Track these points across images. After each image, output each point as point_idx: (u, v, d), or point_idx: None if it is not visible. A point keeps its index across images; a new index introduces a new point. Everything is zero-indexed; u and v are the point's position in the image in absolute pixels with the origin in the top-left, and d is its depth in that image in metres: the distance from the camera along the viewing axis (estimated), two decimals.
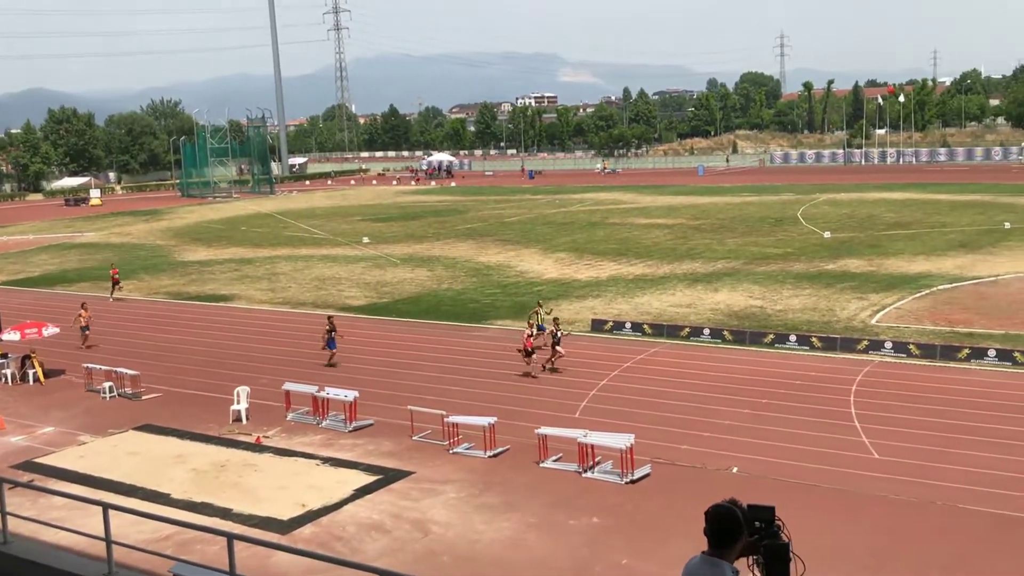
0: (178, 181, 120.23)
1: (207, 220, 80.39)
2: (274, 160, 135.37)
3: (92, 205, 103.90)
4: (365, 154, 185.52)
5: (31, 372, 29.70)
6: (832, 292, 37.59)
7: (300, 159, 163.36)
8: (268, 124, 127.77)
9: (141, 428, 24.65)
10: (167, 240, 66.98)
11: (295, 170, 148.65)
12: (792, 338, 30.30)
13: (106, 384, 27.76)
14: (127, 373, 28.22)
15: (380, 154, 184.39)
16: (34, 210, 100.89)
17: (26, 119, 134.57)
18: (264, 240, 64.17)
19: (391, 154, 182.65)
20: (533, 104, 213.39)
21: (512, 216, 73.03)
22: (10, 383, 29.62)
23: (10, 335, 31.50)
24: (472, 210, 79.11)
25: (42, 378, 29.62)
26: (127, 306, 42.77)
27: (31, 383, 29.49)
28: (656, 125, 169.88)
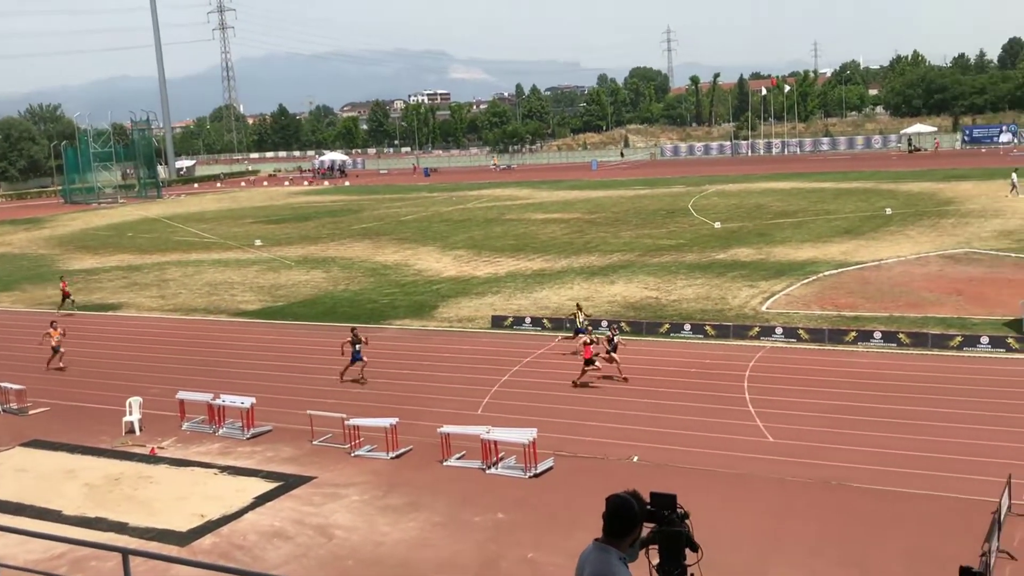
0: (60, 188, 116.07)
1: (92, 227, 77.88)
2: (160, 163, 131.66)
3: None
4: (255, 155, 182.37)
5: None
6: (724, 281, 38.44)
7: (188, 162, 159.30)
8: (153, 127, 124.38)
9: (28, 444, 23.70)
10: (50, 249, 64.60)
11: (183, 173, 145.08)
12: (687, 327, 30.89)
13: None
14: (11, 388, 27.10)
15: (271, 155, 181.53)
16: None
17: None
18: (152, 246, 62.47)
19: (282, 154, 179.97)
20: (426, 101, 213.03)
21: (408, 214, 72.70)
22: None
23: None
24: (367, 209, 78.48)
25: None
26: (10, 317, 41.14)
27: None
28: (549, 121, 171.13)
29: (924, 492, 17.52)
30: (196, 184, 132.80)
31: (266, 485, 19.92)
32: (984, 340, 26.83)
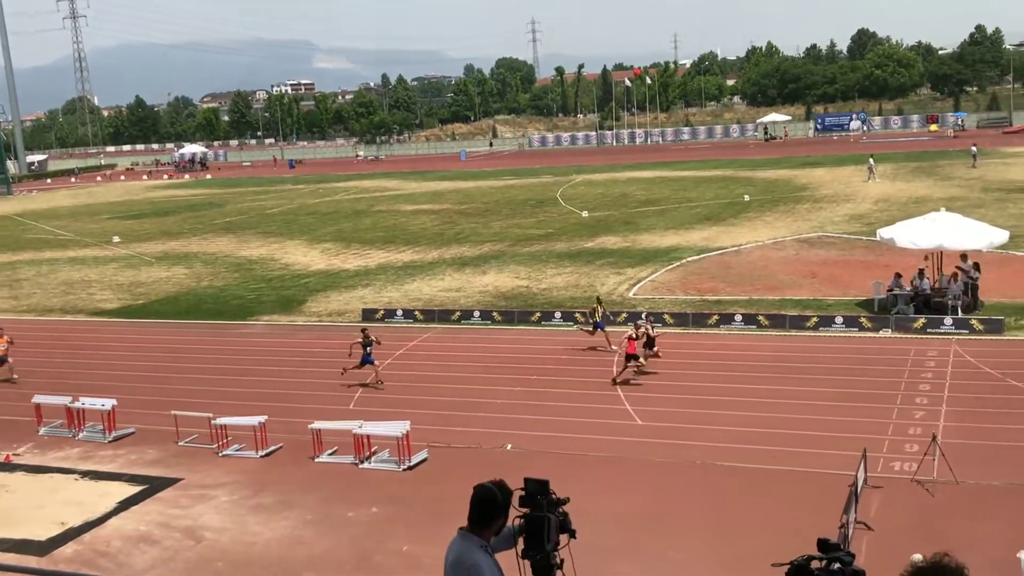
0: None
1: None
2: (10, 158, 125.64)
3: None
4: (111, 148, 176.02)
5: None
6: (592, 269, 39.06)
7: (39, 156, 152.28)
8: (0, 120, 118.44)
9: None
10: None
11: (34, 168, 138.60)
12: (557, 315, 31.27)
13: None
14: None
15: (128, 148, 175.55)
16: None
17: None
18: (2, 244, 59.52)
19: (140, 147, 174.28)
20: (289, 92, 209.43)
21: (274, 207, 71.33)
22: None
23: None
24: (231, 203, 76.66)
25: None
26: None
27: None
28: (417, 111, 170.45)
29: (786, 468, 18.20)
30: (49, 180, 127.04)
31: (130, 489, 19.27)
32: (839, 320, 28.05)
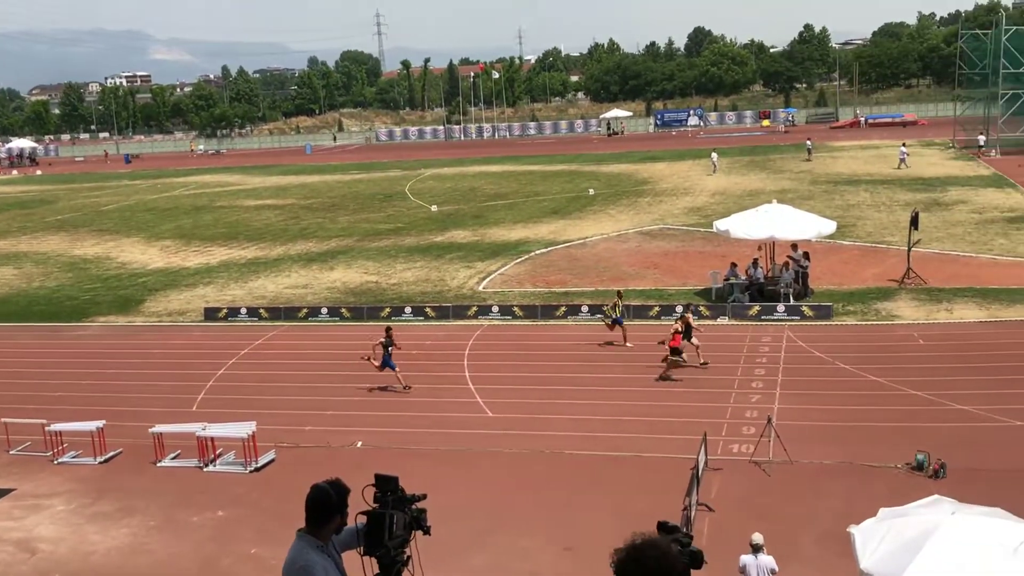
0: None
1: None
2: None
3: None
4: None
5: None
6: (442, 263, 39.12)
7: None
8: None
9: None
10: None
11: None
12: (408, 310, 31.21)
13: None
14: None
15: None
16: None
17: None
18: None
19: None
20: (125, 84, 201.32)
21: (109, 204, 68.51)
22: None
23: None
24: (63, 199, 73.23)
25: None
26: None
27: None
28: (259, 104, 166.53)
29: (630, 454, 18.72)
30: None
31: None
32: (679, 309, 28.87)
